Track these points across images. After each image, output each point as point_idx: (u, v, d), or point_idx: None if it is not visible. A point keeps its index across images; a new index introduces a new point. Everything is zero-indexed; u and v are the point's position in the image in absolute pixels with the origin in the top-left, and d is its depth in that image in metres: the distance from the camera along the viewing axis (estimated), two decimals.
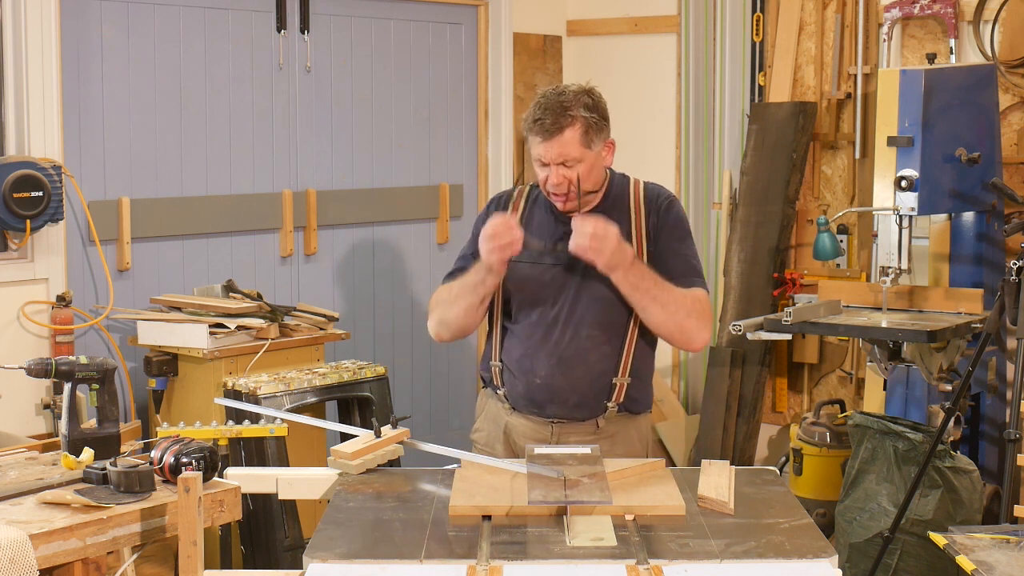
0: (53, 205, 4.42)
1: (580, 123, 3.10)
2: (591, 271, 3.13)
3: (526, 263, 3.21)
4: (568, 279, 3.19)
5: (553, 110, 3.10)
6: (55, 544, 2.47)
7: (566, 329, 3.20)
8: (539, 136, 3.11)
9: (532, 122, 3.13)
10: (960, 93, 4.59)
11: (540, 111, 3.12)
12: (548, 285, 3.21)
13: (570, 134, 3.10)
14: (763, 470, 3.10)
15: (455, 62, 6.04)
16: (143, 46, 4.92)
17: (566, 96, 3.12)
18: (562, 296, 3.20)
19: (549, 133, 3.10)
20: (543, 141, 3.11)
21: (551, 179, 3.14)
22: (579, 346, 3.19)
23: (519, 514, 2.69)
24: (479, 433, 3.41)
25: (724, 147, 6.01)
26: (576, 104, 3.11)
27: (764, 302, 5.62)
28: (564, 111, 3.10)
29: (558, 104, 3.11)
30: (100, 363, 3.01)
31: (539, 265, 3.21)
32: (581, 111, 3.10)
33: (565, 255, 3.14)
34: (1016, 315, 3.70)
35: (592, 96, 3.16)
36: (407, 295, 5.90)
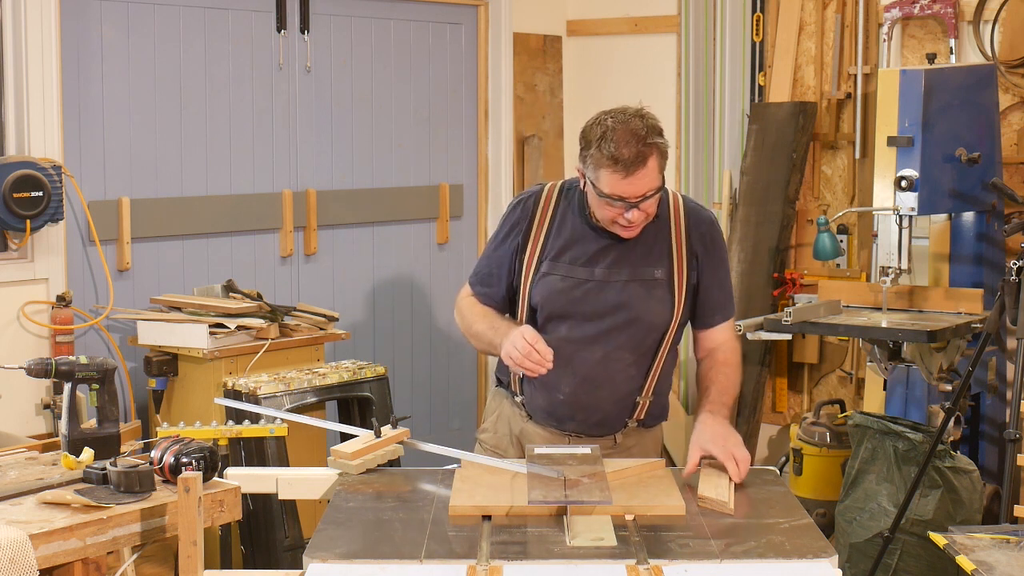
0: (53, 205, 4.42)
1: (656, 151, 2.92)
2: (626, 290, 3.06)
3: (557, 276, 3.09)
4: (601, 297, 3.08)
5: (628, 142, 2.88)
6: (55, 544, 2.47)
7: (595, 348, 3.09)
8: (620, 173, 2.88)
9: (609, 159, 2.88)
10: (960, 93, 4.59)
11: (614, 146, 2.88)
12: (580, 301, 3.08)
13: (651, 164, 2.90)
14: (763, 470, 3.10)
15: (455, 62, 6.04)
16: (143, 46, 4.92)
17: (634, 124, 2.90)
18: (594, 314, 3.08)
19: (632, 167, 2.88)
20: (625, 178, 2.89)
21: (632, 216, 2.95)
22: (607, 367, 3.10)
23: (519, 514, 2.69)
24: (488, 434, 3.31)
25: (724, 147, 6.01)
26: (648, 131, 2.91)
27: (764, 302, 5.62)
28: (640, 141, 2.89)
29: (631, 135, 2.89)
30: (100, 363, 3.01)
31: (570, 279, 3.09)
32: (655, 138, 2.92)
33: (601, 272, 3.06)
34: (1016, 315, 3.70)
35: (651, 118, 2.97)
36: (407, 295, 5.90)
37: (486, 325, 3.14)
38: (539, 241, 3.13)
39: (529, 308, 3.14)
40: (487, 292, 3.22)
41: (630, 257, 3.08)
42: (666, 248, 3.09)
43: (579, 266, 3.08)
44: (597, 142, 2.90)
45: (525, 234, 3.14)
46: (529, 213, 3.15)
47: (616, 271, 3.07)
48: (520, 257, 3.15)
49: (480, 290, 3.23)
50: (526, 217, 3.15)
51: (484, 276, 3.22)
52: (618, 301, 3.07)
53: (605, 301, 3.08)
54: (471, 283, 3.26)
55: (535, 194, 3.18)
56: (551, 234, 3.12)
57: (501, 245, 3.19)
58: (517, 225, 3.16)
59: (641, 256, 3.08)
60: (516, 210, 3.18)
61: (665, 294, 3.09)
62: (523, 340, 2.92)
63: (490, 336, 3.10)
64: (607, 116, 2.94)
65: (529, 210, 3.16)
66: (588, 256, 3.09)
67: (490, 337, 3.10)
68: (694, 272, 3.12)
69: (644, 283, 3.08)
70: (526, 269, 3.13)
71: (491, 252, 3.22)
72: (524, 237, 3.14)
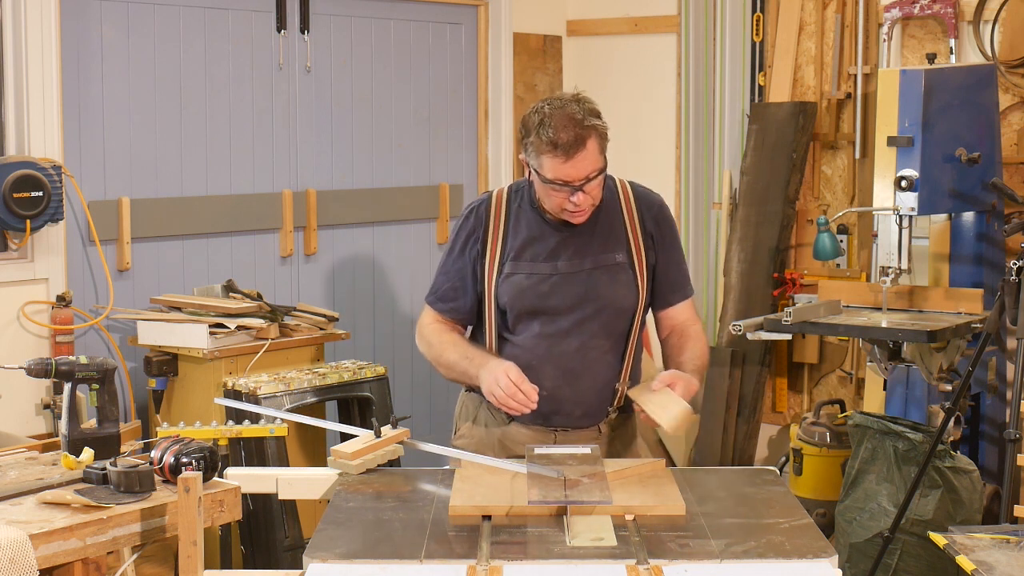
0: (53, 205, 4.42)
1: (595, 132, 2.95)
2: (591, 279, 3.09)
3: (522, 275, 3.10)
4: (568, 289, 3.10)
5: (566, 126, 2.91)
6: (55, 544, 2.47)
7: (571, 340, 3.11)
8: (560, 157, 2.92)
9: (548, 144, 2.91)
10: (960, 93, 4.59)
11: (552, 131, 2.91)
12: (548, 296, 3.10)
13: (591, 146, 2.93)
14: (763, 470, 3.10)
15: (455, 62, 6.04)
16: (143, 46, 4.92)
17: (570, 108, 2.93)
18: (564, 307, 3.10)
19: (572, 150, 2.91)
20: (566, 161, 2.92)
21: (578, 200, 2.98)
22: (586, 356, 3.12)
23: (519, 514, 2.69)
24: (464, 439, 3.27)
25: (724, 147, 6.01)
26: (585, 114, 2.94)
27: (764, 302, 5.62)
28: (578, 124, 2.92)
29: (568, 119, 2.92)
30: (100, 363, 3.01)
31: (535, 275, 3.10)
32: (592, 120, 2.95)
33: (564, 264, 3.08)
34: (1016, 315, 3.70)
35: (588, 101, 3.00)
36: (407, 295, 5.90)
37: (458, 355, 3.13)
38: (497, 244, 3.13)
39: (498, 310, 3.15)
40: (453, 307, 3.21)
41: (590, 246, 3.11)
42: (622, 232, 3.14)
43: (541, 262, 3.10)
44: (536, 129, 2.94)
45: (483, 241, 3.15)
46: (483, 219, 3.16)
47: (578, 261, 3.10)
48: (480, 263, 3.15)
49: (444, 307, 3.22)
50: (480, 224, 3.16)
51: (446, 292, 3.21)
52: (585, 291, 3.10)
53: (573, 292, 3.10)
54: (432, 303, 3.24)
55: (484, 201, 3.20)
56: (508, 235, 3.13)
57: (460, 257, 3.18)
58: (473, 233, 3.16)
59: (600, 243, 3.12)
60: (469, 220, 3.18)
61: (629, 277, 3.13)
62: (507, 379, 2.94)
63: (464, 366, 3.10)
64: (544, 104, 2.98)
65: (482, 217, 3.16)
66: (548, 251, 3.11)
67: (464, 367, 3.10)
68: (651, 252, 3.17)
69: (607, 269, 3.12)
70: (488, 273, 3.14)
71: (449, 267, 3.21)
72: (482, 243, 3.15)
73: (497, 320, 3.16)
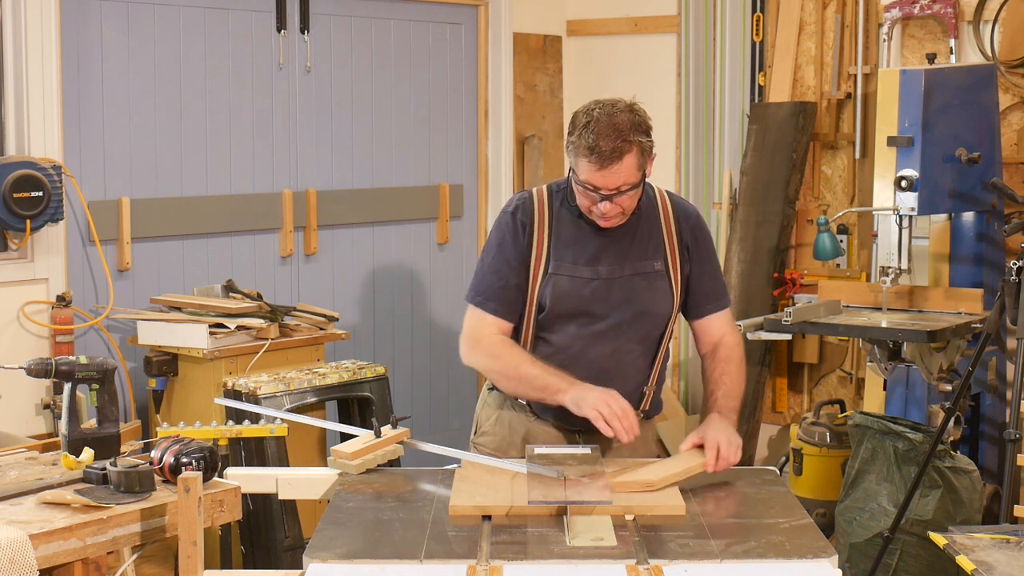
0: (53, 205, 4.42)
1: (636, 148, 2.95)
2: (630, 285, 3.10)
3: (564, 276, 3.10)
4: (609, 293, 3.10)
5: (608, 135, 2.92)
6: (55, 544, 2.47)
7: (606, 343, 3.11)
8: (595, 164, 2.93)
9: (586, 149, 2.92)
10: (960, 93, 4.59)
11: (593, 136, 2.92)
12: (589, 300, 3.10)
13: (628, 161, 2.94)
14: (763, 470, 3.10)
15: (455, 62, 6.04)
16: (143, 46, 4.92)
17: (619, 119, 2.94)
18: (603, 310, 3.11)
19: (607, 160, 2.92)
20: (600, 169, 2.93)
21: (604, 208, 2.99)
22: (619, 360, 3.13)
23: (519, 514, 2.69)
24: (487, 437, 3.27)
25: (724, 147, 6.01)
26: (632, 128, 2.94)
27: (764, 302, 5.62)
28: (620, 136, 2.92)
29: (613, 128, 2.92)
30: (100, 363, 3.01)
31: (578, 279, 3.10)
32: (637, 136, 2.95)
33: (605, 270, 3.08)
34: (1016, 315, 3.70)
35: (640, 114, 3.00)
36: (407, 295, 5.90)
37: (540, 369, 3.05)
38: (543, 244, 3.13)
39: (537, 308, 3.14)
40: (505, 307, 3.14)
41: (630, 252, 3.13)
42: (660, 241, 3.15)
43: (583, 265, 3.11)
44: (580, 129, 2.95)
45: (529, 237, 3.14)
46: (529, 217, 3.15)
47: (619, 267, 3.12)
48: (527, 262, 3.14)
49: (495, 307, 3.14)
50: (528, 221, 3.15)
51: (497, 291, 3.14)
52: (624, 296, 3.11)
53: (612, 297, 3.11)
54: (480, 304, 3.15)
55: (528, 198, 3.18)
56: (552, 235, 3.13)
57: (509, 255, 3.14)
58: (521, 231, 3.14)
59: (639, 250, 3.13)
60: (516, 216, 3.15)
61: (665, 285, 3.15)
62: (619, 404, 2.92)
63: (546, 382, 3.03)
64: (596, 105, 2.98)
65: (529, 214, 3.15)
66: (590, 255, 3.11)
67: (546, 383, 3.03)
68: (687, 263, 3.18)
69: (646, 276, 3.13)
70: (534, 272, 3.13)
71: (499, 265, 3.14)
72: (528, 241, 3.14)
73: (535, 317, 3.15)
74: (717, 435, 2.96)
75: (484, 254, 3.21)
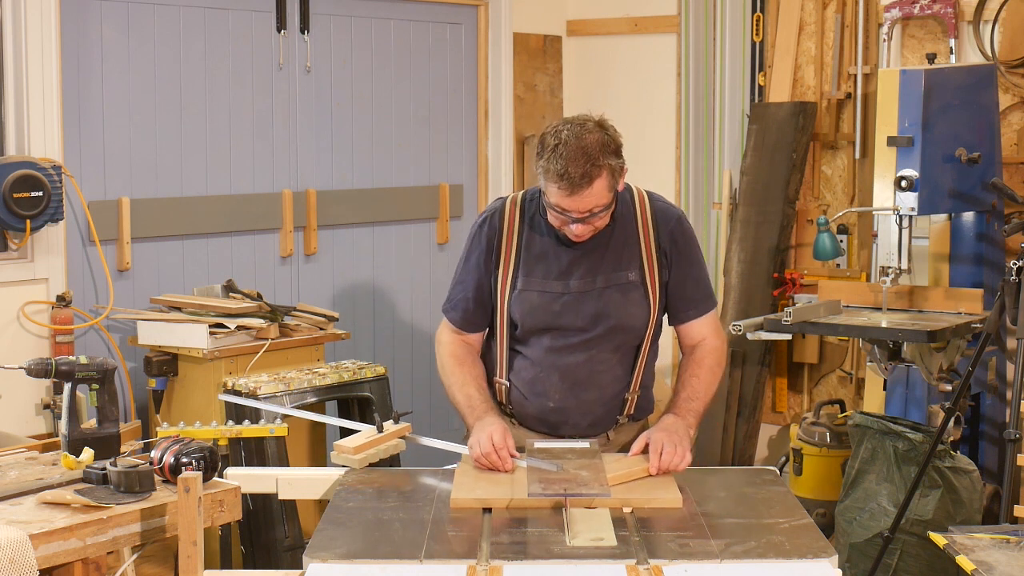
0: (53, 205, 4.42)
1: (606, 171, 2.88)
2: (603, 298, 3.07)
3: (534, 292, 3.09)
4: (580, 308, 3.08)
5: (577, 159, 2.84)
6: (55, 544, 2.47)
7: (579, 355, 3.11)
8: (565, 190, 2.87)
9: (556, 175, 2.86)
10: (960, 93, 4.59)
11: (562, 162, 2.85)
12: (559, 315, 3.09)
13: (599, 185, 2.88)
14: (763, 470, 3.10)
15: (455, 62, 6.04)
16: (143, 46, 4.92)
17: (588, 140, 2.86)
18: (574, 324, 3.09)
19: (577, 186, 2.86)
20: (570, 195, 2.87)
21: (575, 230, 2.95)
22: (593, 369, 3.12)
23: (519, 507, 2.72)
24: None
25: (724, 147, 6.01)
26: (601, 151, 2.87)
27: (764, 302, 5.62)
28: (590, 160, 2.85)
29: (582, 152, 2.85)
30: (100, 363, 3.02)
31: (548, 294, 3.08)
32: (608, 158, 2.88)
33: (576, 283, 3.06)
34: (1016, 315, 3.70)
35: (610, 132, 2.93)
36: (407, 295, 5.90)
37: (463, 398, 3.13)
38: (511, 258, 3.11)
39: (510, 323, 3.14)
40: (469, 319, 3.20)
41: (603, 264, 3.08)
42: (636, 249, 3.10)
43: (553, 279, 3.08)
44: (549, 153, 2.87)
45: (496, 252, 3.13)
46: (497, 230, 3.13)
47: (590, 280, 3.08)
48: (494, 276, 3.13)
49: (458, 317, 3.21)
50: (495, 234, 3.13)
51: (460, 302, 3.20)
52: (596, 310, 3.08)
53: (584, 311, 3.08)
54: (448, 313, 3.23)
55: (498, 210, 3.16)
56: (521, 248, 3.10)
57: (475, 268, 3.16)
58: (487, 244, 3.14)
59: (612, 261, 3.08)
60: (483, 229, 3.15)
61: (640, 296, 3.10)
62: (488, 441, 2.92)
63: (464, 412, 3.11)
64: (565, 127, 2.90)
65: (496, 227, 3.13)
66: (561, 268, 3.08)
67: (464, 413, 3.11)
68: (665, 270, 3.13)
69: (619, 287, 3.09)
70: (501, 286, 3.12)
71: (464, 277, 3.19)
72: (496, 256, 3.13)
73: (508, 331, 3.16)
74: (663, 437, 2.97)
75: (458, 263, 3.23)
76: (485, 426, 2.97)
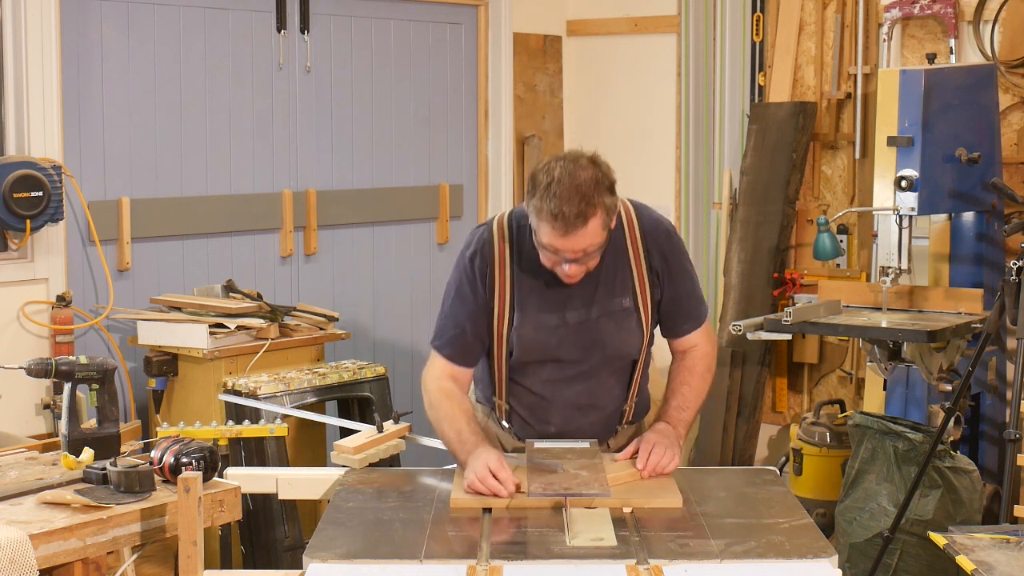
0: (53, 205, 4.42)
1: (601, 210, 2.78)
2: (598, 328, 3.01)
3: (530, 327, 3.01)
4: (578, 338, 3.02)
5: (571, 199, 2.74)
6: (55, 544, 2.47)
7: (577, 383, 3.07)
8: (559, 230, 2.77)
9: (549, 215, 2.75)
10: (960, 93, 4.59)
11: (556, 201, 2.74)
12: (556, 348, 3.03)
13: (593, 224, 2.78)
14: (763, 470, 3.10)
15: (455, 62, 6.04)
16: (143, 46, 4.92)
17: (581, 177, 2.76)
18: (572, 356, 3.04)
19: (571, 227, 2.76)
20: (564, 236, 2.77)
21: (568, 270, 2.86)
22: (592, 394, 3.09)
23: (519, 507, 2.72)
24: None
25: (724, 147, 6.01)
26: (596, 189, 2.77)
27: (764, 302, 5.62)
28: (584, 200, 2.75)
29: (576, 191, 2.75)
30: (100, 363, 3.02)
31: (544, 328, 3.00)
32: (603, 196, 2.78)
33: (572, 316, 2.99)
34: (1016, 315, 3.70)
35: (603, 169, 2.82)
36: (407, 295, 5.90)
37: (453, 433, 2.99)
38: (504, 291, 3.02)
39: (506, 353, 3.07)
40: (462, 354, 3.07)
41: (596, 292, 3.01)
42: (628, 275, 3.03)
43: (548, 312, 3.01)
44: (542, 191, 2.77)
45: (490, 286, 3.02)
46: (488, 263, 3.02)
47: (585, 311, 3.01)
48: (489, 312, 3.03)
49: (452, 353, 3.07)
50: (487, 268, 3.02)
51: (454, 338, 3.06)
52: (593, 340, 3.03)
53: (580, 343, 3.03)
54: (439, 349, 3.08)
55: (487, 242, 3.04)
56: (515, 281, 3.01)
57: (467, 303, 3.04)
58: (482, 278, 3.02)
59: (605, 290, 3.01)
60: (475, 263, 3.03)
61: (635, 322, 3.05)
62: (484, 468, 2.81)
63: (455, 448, 2.97)
64: (557, 163, 2.81)
65: (487, 260, 3.02)
66: (556, 300, 3.00)
67: (455, 448, 2.97)
68: (657, 290, 3.06)
69: (614, 316, 3.03)
70: (498, 321, 3.03)
71: (456, 311, 3.06)
72: (490, 290, 3.02)
73: (506, 361, 3.08)
74: (654, 439, 2.97)
75: (445, 296, 3.10)
76: (480, 455, 2.87)
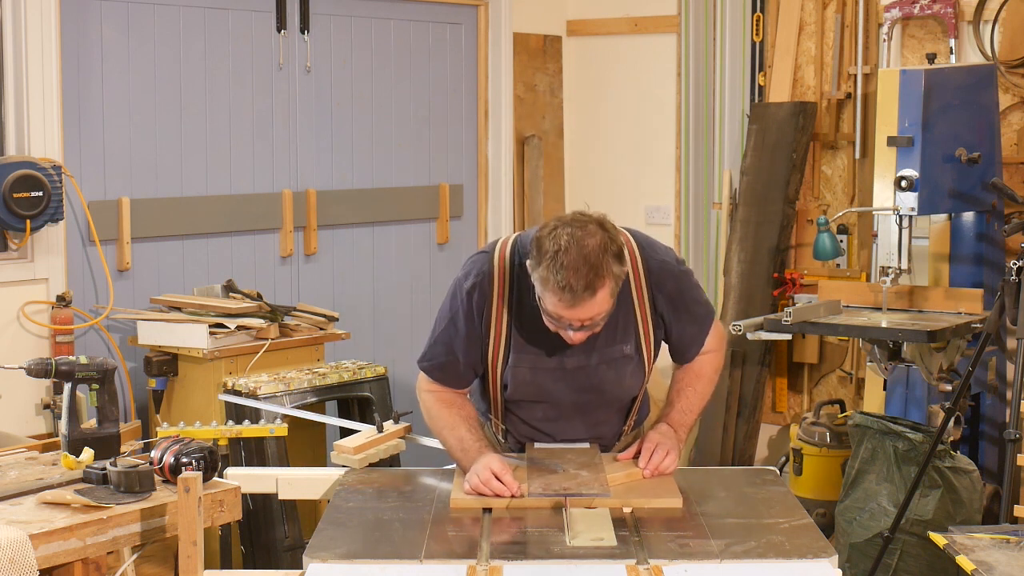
0: (53, 205, 4.42)
1: (610, 279, 2.68)
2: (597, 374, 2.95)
3: (526, 368, 2.94)
4: (573, 384, 2.97)
5: (579, 269, 2.64)
6: (55, 544, 2.47)
7: (575, 421, 3.04)
8: (566, 302, 2.67)
9: (557, 287, 2.65)
10: (960, 93, 4.59)
11: (563, 273, 2.63)
12: (552, 391, 2.98)
13: (601, 295, 2.68)
14: (763, 470, 3.10)
15: (455, 62, 6.04)
16: (143, 46, 4.92)
17: (589, 244, 2.65)
18: (568, 398, 3.00)
19: (579, 298, 2.66)
20: (571, 306, 2.68)
21: (573, 336, 2.77)
22: (589, 426, 3.06)
23: (519, 507, 2.72)
24: None
25: (724, 147, 6.01)
26: (604, 257, 2.66)
27: (764, 302, 5.62)
28: (593, 270, 2.65)
29: (584, 260, 2.64)
30: (100, 363, 3.02)
31: (540, 370, 2.94)
32: (612, 266, 2.68)
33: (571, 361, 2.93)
34: (1016, 315, 3.70)
35: (611, 233, 2.72)
36: (407, 295, 5.90)
37: (454, 441, 2.95)
38: (501, 329, 2.94)
39: (501, 387, 3.02)
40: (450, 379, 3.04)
41: (597, 341, 2.91)
42: (632, 321, 2.95)
43: (546, 356, 2.94)
44: (548, 261, 2.67)
45: (486, 322, 2.94)
46: (487, 298, 2.93)
47: (585, 357, 2.94)
48: (484, 346, 2.96)
49: (440, 376, 3.04)
50: (485, 302, 2.93)
51: (444, 364, 3.01)
52: (590, 385, 2.98)
53: (577, 387, 2.98)
54: (427, 371, 3.06)
55: (486, 275, 2.93)
56: (512, 320, 2.93)
57: (461, 334, 2.96)
58: (479, 312, 2.93)
59: (607, 337, 2.92)
60: (472, 297, 2.93)
61: (635, 367, 3.00)
62: (488, 472, 2.78)
63: (458, 455, 2.93)
64: (564, 229, 2.68)
65: (486, 294, 2.92)
66: (554, 346, 2.90)
67: (458, 456, 2.93)
68: (660, 331, 3.00)
69: (614, 363, 2.97)
70: (493, 359, 2.97)
71: (448, 339, 2.98)
72: (486, 325, 2.94)
73: (501, 392, 3.04)
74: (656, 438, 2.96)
75: (437, 320, 3.03)
76: (481, 460, 2.84)
